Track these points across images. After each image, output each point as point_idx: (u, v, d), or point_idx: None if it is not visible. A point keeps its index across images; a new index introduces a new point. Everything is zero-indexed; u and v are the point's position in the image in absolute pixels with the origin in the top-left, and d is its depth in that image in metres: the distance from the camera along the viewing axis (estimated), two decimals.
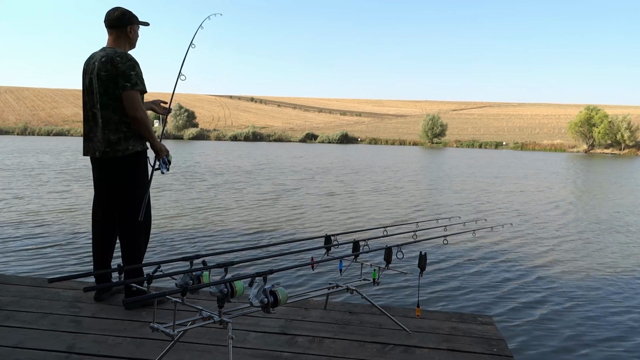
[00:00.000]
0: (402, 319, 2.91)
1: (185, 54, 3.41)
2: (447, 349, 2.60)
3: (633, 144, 58.26)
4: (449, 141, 68.97)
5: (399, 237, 3.20)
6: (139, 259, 3.02)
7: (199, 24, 3.54)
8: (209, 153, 34.02)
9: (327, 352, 2.50)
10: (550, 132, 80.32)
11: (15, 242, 6.93)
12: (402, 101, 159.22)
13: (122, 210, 3.00)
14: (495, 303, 5.14)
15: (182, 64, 3.36)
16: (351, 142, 69.80)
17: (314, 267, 2.66)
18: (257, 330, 2.71)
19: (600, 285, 5.90)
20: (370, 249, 2.80)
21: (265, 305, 2.08)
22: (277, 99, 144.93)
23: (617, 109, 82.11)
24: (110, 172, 2.97)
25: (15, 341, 2.48)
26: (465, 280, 5.87)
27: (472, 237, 5.23)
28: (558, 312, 4.97)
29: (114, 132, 2.90)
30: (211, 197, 12.28)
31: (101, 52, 2.96)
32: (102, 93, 2.88)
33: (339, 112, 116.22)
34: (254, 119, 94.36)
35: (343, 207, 11.27)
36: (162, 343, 2.45)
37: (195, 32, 3.47)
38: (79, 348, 2.44)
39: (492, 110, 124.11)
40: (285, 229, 8.65)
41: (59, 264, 5.93)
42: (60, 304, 3.00)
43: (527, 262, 6.87)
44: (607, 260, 7.14)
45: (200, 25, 3.54)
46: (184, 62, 3.37)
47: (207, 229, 8.31)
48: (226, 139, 65.90)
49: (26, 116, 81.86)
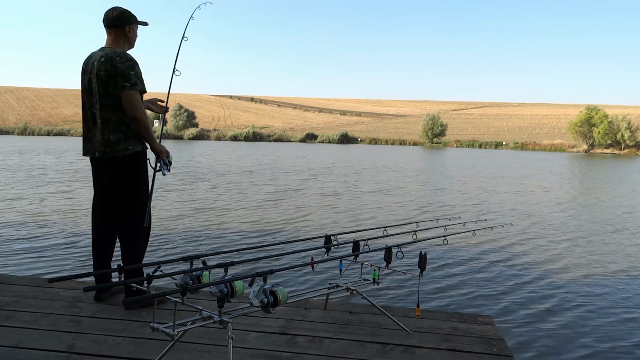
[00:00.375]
0: (402, 319, 2.91)
1: (179, 47, 3.35)
2: (447, 349, 2.60)
3: (633, 144, 58.26)
4: (449, 141, 68.97)
5: (399, 237, 3.21)
6: (139, 259, 3.02)
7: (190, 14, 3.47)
8: (210, 153, 34.03)
9: (327, 352, 2.50)
10: (550, 132, 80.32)
11: (15, 242, 6.93)
12: (402, 101, 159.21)
13: (122, 211, 3.00)
14: (495, 303, 5.14)
15: (176, 58, 3.31)
16: (351, 142, 69.80)
17: (314, 267, 2.66)
18: (257, 330, 2.71)
19: (601, 285, 5.90)
20: (370, 249, 2.80)
21: (265, 305, 2.08)
22: (277, 99, 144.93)
23: (617, 109, 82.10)
24: (110, 172, 2.97)
25: (15, 341, 2.48)
26: (465, 280, 5.87)
27: (472, 237, 5.22)
28: (558, 312, 4.96)
29: (113, 132, 2.90)
30: (212, 197, 12.28)
31: (100, 52, 2.95)
32: (101, 93, 2.87)
33: (339, 112, 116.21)
34: (254, 119, 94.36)
35: (346, 208, 11.26)
36: (162, 343, 2.45)
37: (187, 24, 3.41)
38: (79, 348, 2.44)
39: (492, 110, 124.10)
40: (285, 229, 8.65)
41: (59, 263, 5.93)
42: (60, 304, 3.00)
43: (527, 262, 6.87)
44: (608, 260, 7.14)
45: (191, 16, 3.48)
46: (178, 56, 3.31)
47: (207, 229, 8.31)
48: (226, 139, 65.91)
49: (26, 116, 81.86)
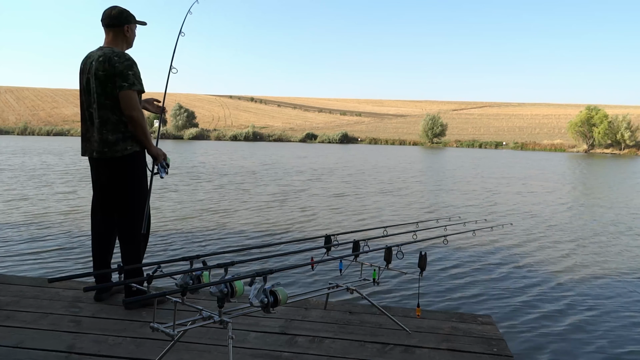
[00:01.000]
0: (402, 319, 2.91)
1: (176, 43, 3.31)
2: (447, 348, 2.60)
3: (633, 144, 58.25)
4: (449, 141, 68.96)
5: (399, 237, 3.20)
6: (139, 259, 3.02)
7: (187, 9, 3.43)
8: (211, 153, 34.01)
9: (327, 352, 2.50)
10: (550, 132, 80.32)
11: (15, 242, 6.93)
12: (402, 101, 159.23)
13: (121, 211, 2.99)
14: (495, 303, 5.14)
15: (173, 54, 3.28)
16: (351, 142, 69.81)
17: (314, 267, 2.66)
18: (257, 330, 2.71)
19: (601, 285, 5.90)
20: (370, 249, 2.80)
21: (265, 305, 2.08)
22: (277, 99, 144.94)
23: (617, 109, 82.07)
24: (109, 172, 2.96)
25: (15, 341, 2.48)
26: (465, 280, 5.86)
27: (472, 237, 5.22)
28: (558, 312, 4.96)
29: (112, 132, 2.89)
30: (212, 198, 12.28)
31: (98, 51, 2.94)
32: (99, 93, 2.87)
33: (339, 112, 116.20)
34: (254, 118, 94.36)
35: (350, 209, 11.24)
36: (162, 343, 2.45)
37: (185, 18, 3.38)
38: (79, 348, 2.44)
39: (492, 110, 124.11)
40: (286, 229, 8.65)
41: (59, 263, 5.93)
42: (60, 304, 3.00)
43: (527, 262, 6.87)
44: (608, 260, 7.14)
45: (189, 11, 3.45)
46: (175, 52, 3.27)
47: (207, 229, 8.31)
48: (226, 139, 65.90)
49: (26, 116, 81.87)
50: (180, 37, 3.32)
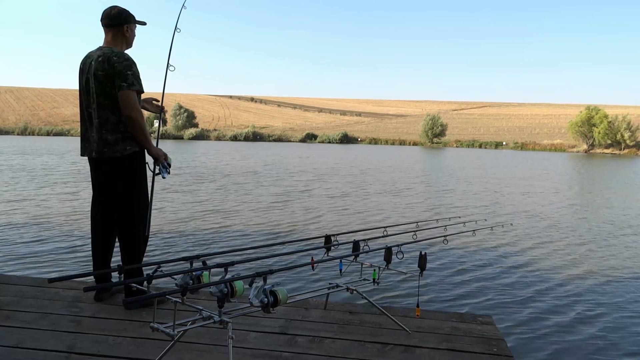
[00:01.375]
0: (402, 319, 2.91)
1: (172, 39, 3.28)
2: (447, 348, 2.59)
3: (633, 144, 58.25)
4: (449, 141, 68.97)
5: (399, 237, 3.20)
6: (139, 259, 3.01)
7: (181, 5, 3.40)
8: (212, 153, 34.01)
9: (327, 352, 2.50)
10: (550, 132, 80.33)
11: (15, 242, 6.93)
12: (402, 101, 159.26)
13: (120, 211, 2.99)
14: (495, 303, 5.14)
15: (170, 51, 3.26)
16: (351, 142, 69.81)
17: (314, 267, 2.66)
18: (257, 330, 2.71)
19: (601, 285, 5.90)
20: (370, 249, 2.80)
21: (265, 305, 2.08)
22: (277, 99, 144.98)
23: (617, 109, 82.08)
24: (108, 172, 2.96)
25: (15, 341, 2.48)
26: (465, 280, 5.86)
27: (472, 237, 5.22)
28: (558, 312, 4.96)
29: (111, 133, 2.89)
30: (213, 198, 12.28)
31: (98, 51, 2.94)
32: (99, 93, 2.86)
33: (339, 112, 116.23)
34: (254, 118, 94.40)
35: (354, 209, 11.24)
36: (162, 343, 2.45)
37: (179, 13, 3.36)
38: (79, 348, 2.44)
39: (492, 110, 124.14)
40: (287, 229, 8.65)
41: (59, 264, 5.93)
42: (60, 304, 3.00)
43: (527, 261, 6.86)
44: (609, 260, 7.14)
45: (183, 5, 3.43)
46: (172, 49, 3.24)
47: (207, 229, 8.31)
48: (226, 139, 65.91)
49: (26, 116, 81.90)
50: (177, 34, 3.29)
